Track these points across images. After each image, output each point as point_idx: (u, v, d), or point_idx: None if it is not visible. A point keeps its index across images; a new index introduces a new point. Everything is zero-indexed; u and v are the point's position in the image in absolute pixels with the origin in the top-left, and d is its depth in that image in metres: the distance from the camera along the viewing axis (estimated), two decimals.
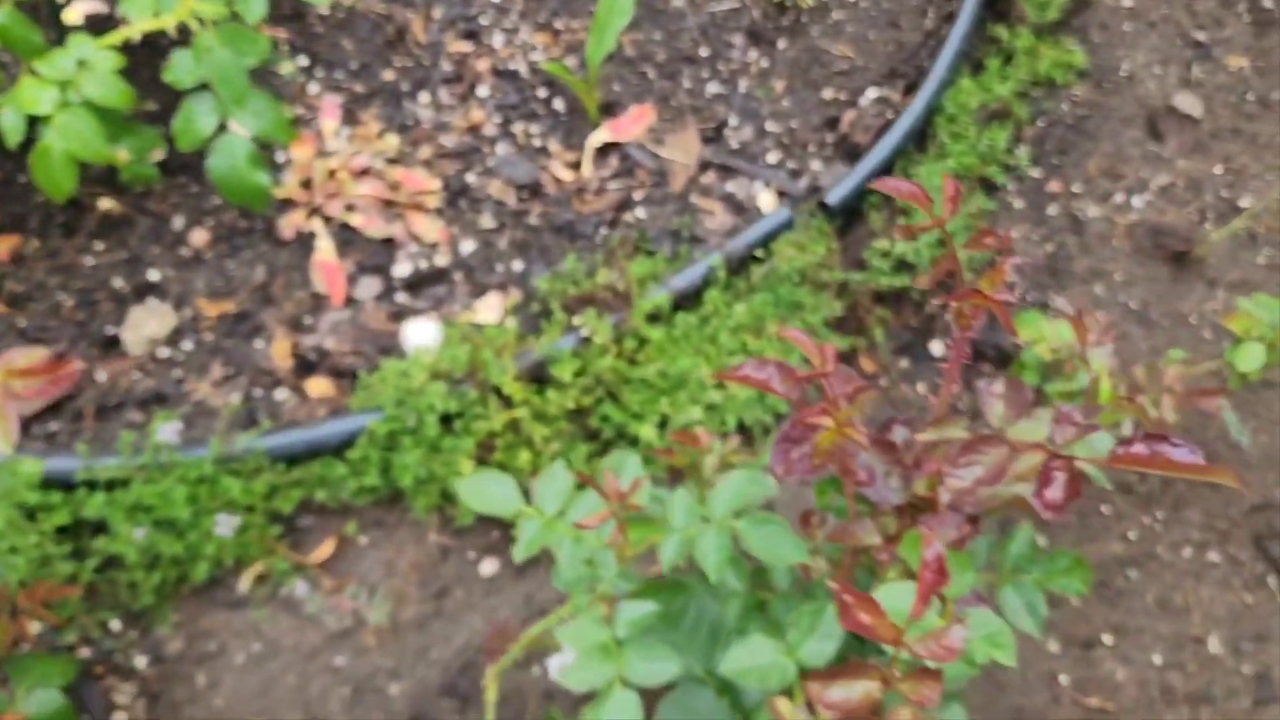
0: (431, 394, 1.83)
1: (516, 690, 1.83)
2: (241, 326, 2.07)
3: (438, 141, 2.31)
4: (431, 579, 1.87)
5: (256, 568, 1.82)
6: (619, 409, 1.94)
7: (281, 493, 1.83)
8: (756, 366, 1.29)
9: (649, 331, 1.97)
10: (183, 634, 1.80)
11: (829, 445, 1.17)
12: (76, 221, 2.16)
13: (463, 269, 2.16)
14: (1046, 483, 1.12)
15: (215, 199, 2.20)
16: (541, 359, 1.92)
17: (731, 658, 1.24)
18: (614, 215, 2.22)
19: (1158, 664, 2.03)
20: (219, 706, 1.76)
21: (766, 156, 2.33)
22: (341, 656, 1.80)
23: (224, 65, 1.81)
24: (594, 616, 1.30)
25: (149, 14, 1.88)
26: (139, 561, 1.76)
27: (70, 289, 2.09)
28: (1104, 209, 2.52)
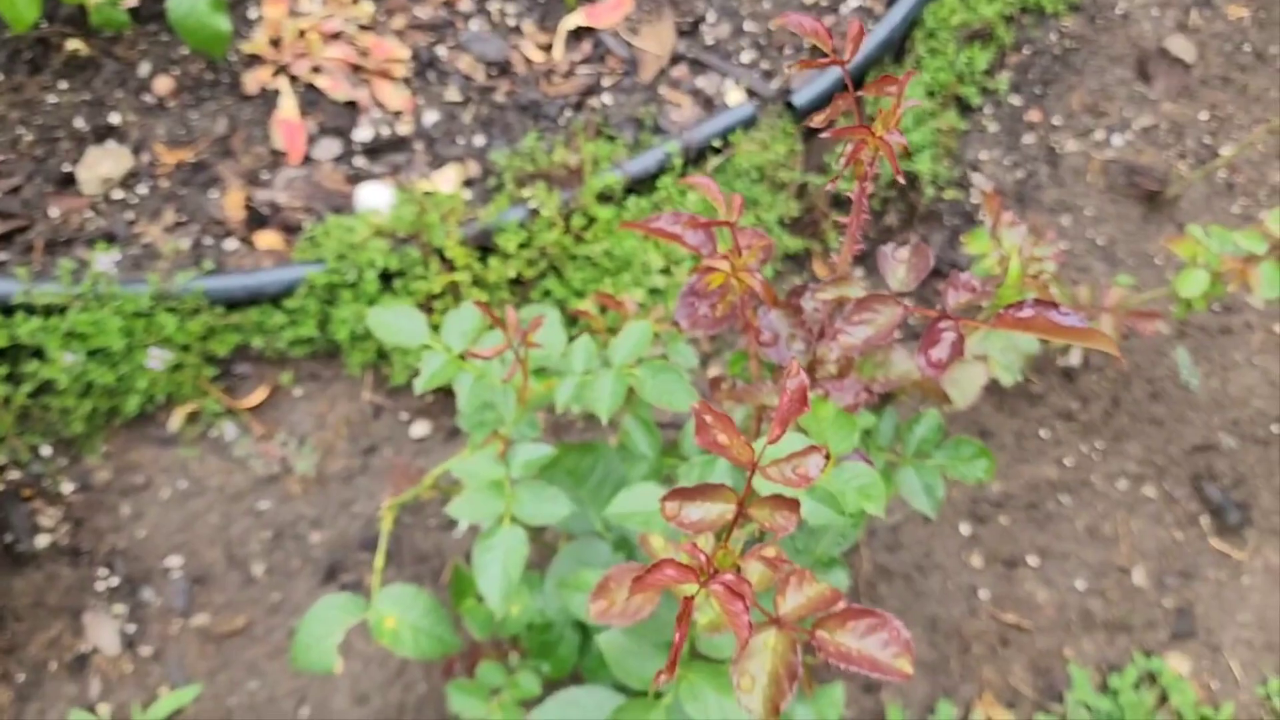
0: (373, 249, 1.84)
1: (437, 549, 1.85)
2: (198, 176, 2.07)
3: (412, 13, 2.29)
4: (361, 435, 1.89)
5: (188, 407, 1.84)
6: (561, 284, 1.94)
7: (218, 335, 1.85)
8: (670, 220, 1.29)
9: (598, 210, 1.97)
10: (111, 465, 1.82)
11: (723, 288, 1.17)
12: (43, 60, 2.16)
13: (424, 139, 2.15)
14: (933, 342, 1.12)
15: (184, 49, 2.19)
16: (488, 228, 1.92)
17: (618, 501, 1.25)
18: (580, 99, 2.21)
19: (1080, 589, 2.05)
20: (141, 537, 1.78)
21: (740, 55, 2.31)
22: (265, 501, 1.83)
23: None
24: (489, 453, 1.32)
25: None
26: (71, 388, 1.77)
27: (31, 124, 2.09)
28: (1082, 144, 2.50)
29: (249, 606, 1.76)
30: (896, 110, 1.03)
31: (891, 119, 1.04)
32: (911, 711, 1.89)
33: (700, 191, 1.22)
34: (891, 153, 1.02)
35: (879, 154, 1.08)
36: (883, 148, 1.03)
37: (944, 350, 1.13)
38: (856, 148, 1.06)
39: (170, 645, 1.72)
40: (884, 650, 0.97)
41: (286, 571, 1.79)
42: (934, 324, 1.14)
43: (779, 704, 0.98)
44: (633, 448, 1.51)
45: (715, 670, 1.14)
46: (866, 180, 1.12)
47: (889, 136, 1.03)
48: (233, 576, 1.78)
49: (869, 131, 1.04)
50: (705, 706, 1.13)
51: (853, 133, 1.04)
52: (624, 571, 1.12)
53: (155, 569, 1.77)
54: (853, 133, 1.04)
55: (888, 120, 1.04)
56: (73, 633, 1.72)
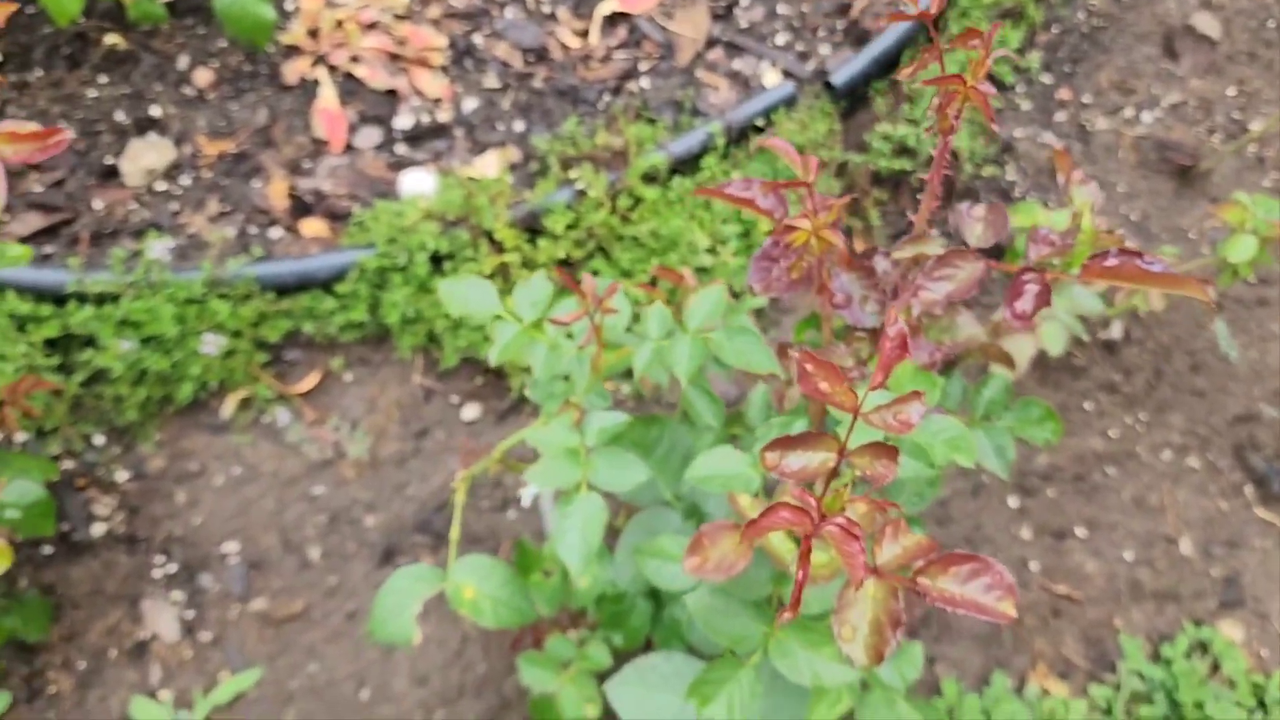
0: (424, 233, 1.84)
1: (491, 531, 1.85)
2: (241, 166, 2.07)
3: (447, 2, 2.30)
4: (413, 419, 1.89)
5: (241, 393, 1.84)
6: (609, 264, 1.94)
7: (269, 321, 1.85)
8: (741, 186, 1.30)
9: (644, 191, 1.97)
10: (165, 452, 1.82)
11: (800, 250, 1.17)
12: (82, 55, 2.16)
13: (464, 126, 2.15)
14: (1017, 294, 1.13)
15: (221, 41, 2.20)
16: (536, 209, 1.92)
17: (699, 464, 1.25)
18: (618, 84, 2.22)
19: (1128, 560, 2.05)
20: (196, 524, 1.78)
21: (775, 38, 2.32)
22: (320, 486, 1.83)
23: None
24: (565, 422, 1.32)
25: None
26: (125, 376, 1.77)
27: (72, 118, 2.09)
28: (1112, 121, 2.51)
29: (306, 590, 1.76)
30: (986, 60, 1.04)
31: (981, 69, 1.04)
32: (966, 683, 1.89)
33: (777, 153, 1.23)
34: (985, 101, 1.03)
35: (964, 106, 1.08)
36: (974, 97, 1.04)
37: (1029, 302, 1.14)
38: (946, 99, 1.07)
39: (229, 630, 1.72)
40: (987, 594, 0.97)
41: (342, 555, 1.79)
42: (1018, 276, 1.15)
43: (882, 651, 0.98)
44: (697, 418, 1.51)
45: (804, 626, 1.14)
46: (951, 134, 1.13)
47: (980, 86, 1.03)
48: (289, 561, 1.78)
49: (961, 81, 1.04)
50: (795, 663, 1.13)
51: (946, 82, 1.05)
52: (717, 528, 1.12)
53: (212, 555, 1.77)
54: (946, 82, 1.05)
55: (977, 70, 1.04)
56: (132, 620, 1.72)
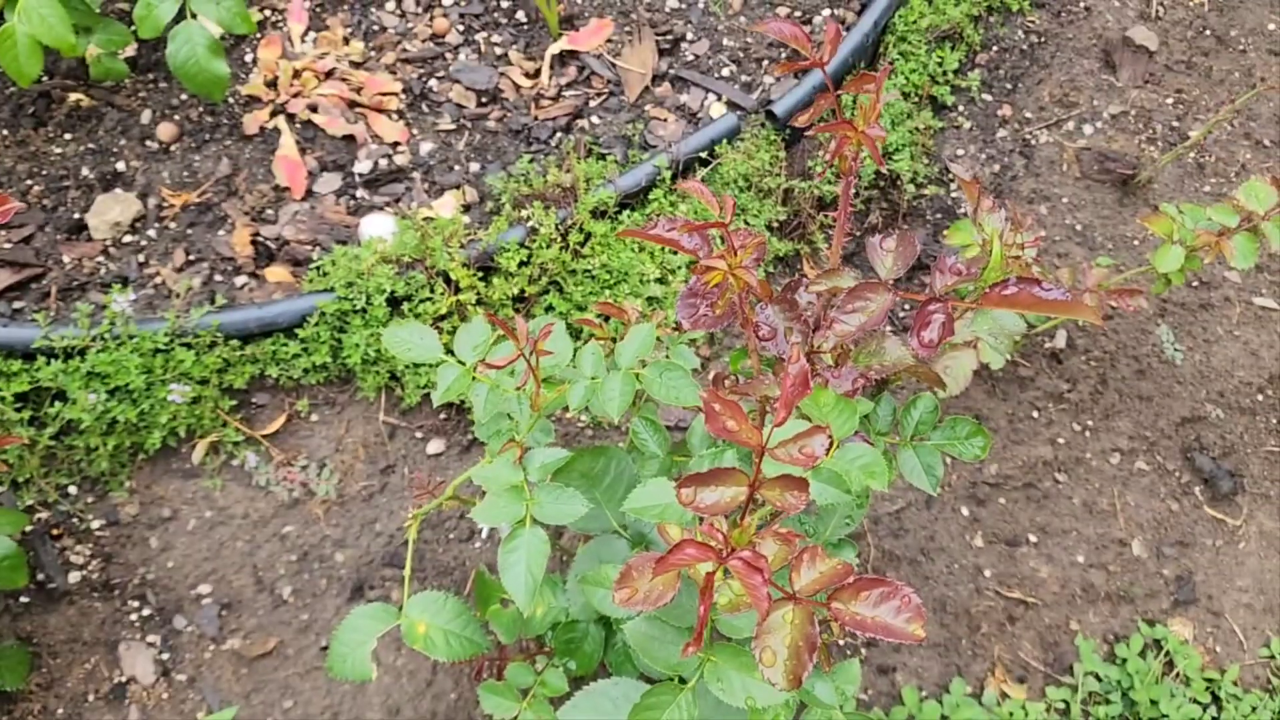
0: (380, 275, 1.90)
1: (459, 561, 1.91)
2: (205, 216, 2.13)
3: (401, 47, 2.37)
4: (379, 456, 1.95)
5: (209, 438, 1.90)
6: (562, 299, 2.01)
7: (235, 368, 1.91)
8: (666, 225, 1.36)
9: (593, 226, 2.04)
10: (137, 499, 1.87)
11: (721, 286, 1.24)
12: (46, 113, 2.22)
13: (421, 168, 2.22)
14: (924, 324, 1.19)
15: (183, 95, 2.27)
16: (489, 248, 1.98)
17: (634, 497, 1.31)
18: (569, 121, 2.29)
19: (1081, 563, 2.11)
20: (170, 567, 1.84)
21: (721, 70, 2.39)
22: (290, 525, 1.88)
23: None
24: (507, 459, 1.38)
25: None
26: (95, 427, 1.83)
27: (38, 175, 2.15)
28: (1054, 134, 2.58)
29: (279, 628, 1.82)
30: (876, 105, 1.11)
31: (872, 114, 1.11)
32: (926, 691, 1.95)
33: (693, 195, 1.29)
34: (874, 145, 1.09)
35: (861, 149, 1.15)
36: (865, 141, 1.10)
37: (934, 331, 1.20)
38: (840, 143, 1.13)
39: (205, 670, 1.78)
40: (897, 616, 1.03)
41: (314, 592, 1.84)
42: (924, 307, 1.21)
43: (800, 675, 1.04)
44: (642, 447, 1.57)
45: (736, 650, 1.20)
46: (851, 175, 1.19)
47: (870, 130, 1.10)
48: (262, 600, 1.83)
49: (851, 126, 1.10)
50: (730, 686, 1.19)
51: (836, 128, 1.11)
52: (644, 560, 1.18)
53: (186, 597, 1.82)
54: (836, 128, 1.11)
55: (868, 115, 1.11)
56: (109, 664, 1.78)
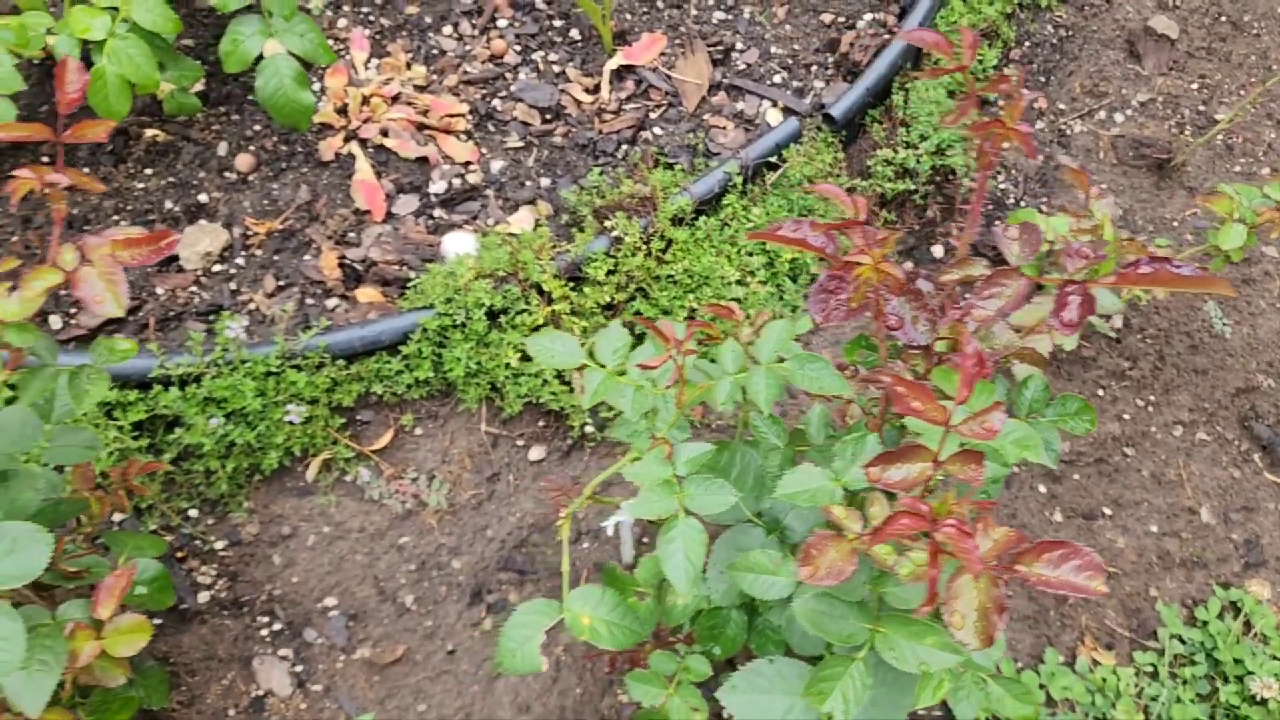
0: (478, 291, 1.97)
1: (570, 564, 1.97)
2: (289, 242, 2.19)
3: (462, 70, 2.43)
4: (483, 464, 2.02)
5: (322, 456, 1.96)
6: (649, 304, 2.08)
7: (342, 387, 1.97)
8: (792, 226, 1.44)
9: (674, 233, 2.11)
10: (256, 519, 1.93)
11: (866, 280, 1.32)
12: (125, 150, 2.28)
13: (494, 186, 2.29)
14: (1062, 306, 1.28)
15: (256, 126, 2.33)
16: (577, 259, 2.06)
17: (785, 483, 1.39)
18: (633, 133, 2.36)
19: (1155, 532, 2.20)
20: (296, 583, 1.89)
21: (772, 77, 2.47)
22: (405, 536, 1.94)
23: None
24: (657, 456, 1.45)
25: None
26: (214, 451, 1.89)
27: (124, 211, 2.21)
28: (1088, 124, 2.68)
29: (405, 635, 1.88)
30: (1019, 103, 1.19)
31: (1016, 112, 1.19)
32: (1021, 662, 2.03)
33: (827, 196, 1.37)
34: (1025, 139, 1.17)
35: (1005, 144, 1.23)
36: (1017, 136, 1.18)
37: (1073, 311, 1.28)
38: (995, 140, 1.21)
39: (338, 680, 1.83)
40: (1079, 574, 1.11)
41: (434, 599, 1.91)
42: (1062, 289, 1.29)
43: (991, 634, 1.12)
44: (763, 440, 1.65)
45: (905, 620, 1.28)
46: (989, 168, 1.27)
47: (1019, 127, 1.18)
48: (386, 609, 1.89)
49: (1002, 124, 1.18)
50: (901, 653, 1.26)
51: (989, 127, 1.19)
52: (821, 539, 1.25)
53: (313, 611, 1.88)
54: (989, 127, 1.19)
55: (1013, 113, 1.19)
56: (245, 679, 1.83)
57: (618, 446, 2.06)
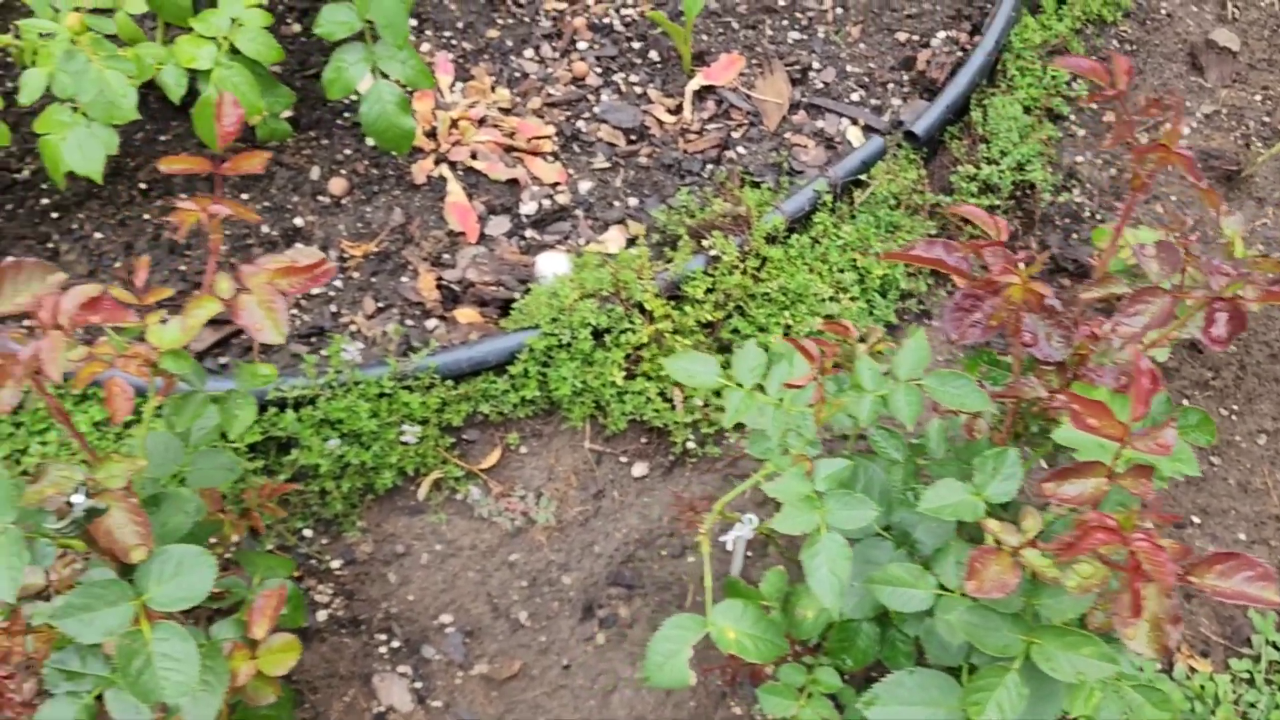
0: (583, 310, 2.00)
1: (675, 577, 2.00)
2: (385, 264, 2.23)
3: (545, 92, 2.47)
4: (589, 482, 2.05)
5: (433, 475, 1.99)
6: (746, 322, 2.11)
7: (451, 407, 2.00)
8: (925, 246, 1.48)
9: (768, 251, 2.15)
10: (370, 538, 1.96)
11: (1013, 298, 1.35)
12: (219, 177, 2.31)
13: (583, 206, 2.32)
14: (1211, 322, 1.31)
15: (346, 150, 2.36)
16: (675, 278, 2.09)
17: (928, 498, 1.42)
18: (717, 153, 2.40)
19: (1243, 540, 2.22)
20: (411, 600, 1.92)
21: (850, 95, 2.51)
22: (516, 553, 1.97)
23: (390, 11, 1.96)
24: (797, 473, 1.48)
25: None
26: (330, 471, 1.92)
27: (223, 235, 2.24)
28: (1155, 136, 2.71)
29: (520, 651, 1.90)
30: (1178, 127, 1.22)
31: (1175, 136, 1.22)
32: None
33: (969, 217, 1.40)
34: (1189, 163, 1.21)
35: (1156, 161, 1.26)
36: (1179, 160, 1.22)
37: (1222, 328, 1.31)
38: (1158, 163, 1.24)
39: (458, 696, 1.86)
40: (1252, 585, 1.14)
41: (547, 614, 1.93)
42: (1210, 305, 1.32)
43: (1165, 644, 1.15)
44: (882, 453, 1.68)
45: (1061, 631, 1.31)
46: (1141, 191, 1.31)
47: (1181, 151, 1.21)
48: (500, 625, 1.92)
49: (1165, 148, 1.22)
50: (1058, 664, 1.29)
51: (1152, 150, 1.23)
52: (984, 554, 1.28)
53: (430, 628, 1.91)
54: (1152, 150, 1.23)
55: (1173, 137, 1.22)
56: (366, 696, 1.86)
57: (718, 462, 2.09)
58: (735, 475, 2.09)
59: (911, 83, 2.54)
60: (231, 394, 1.54)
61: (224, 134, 1.45)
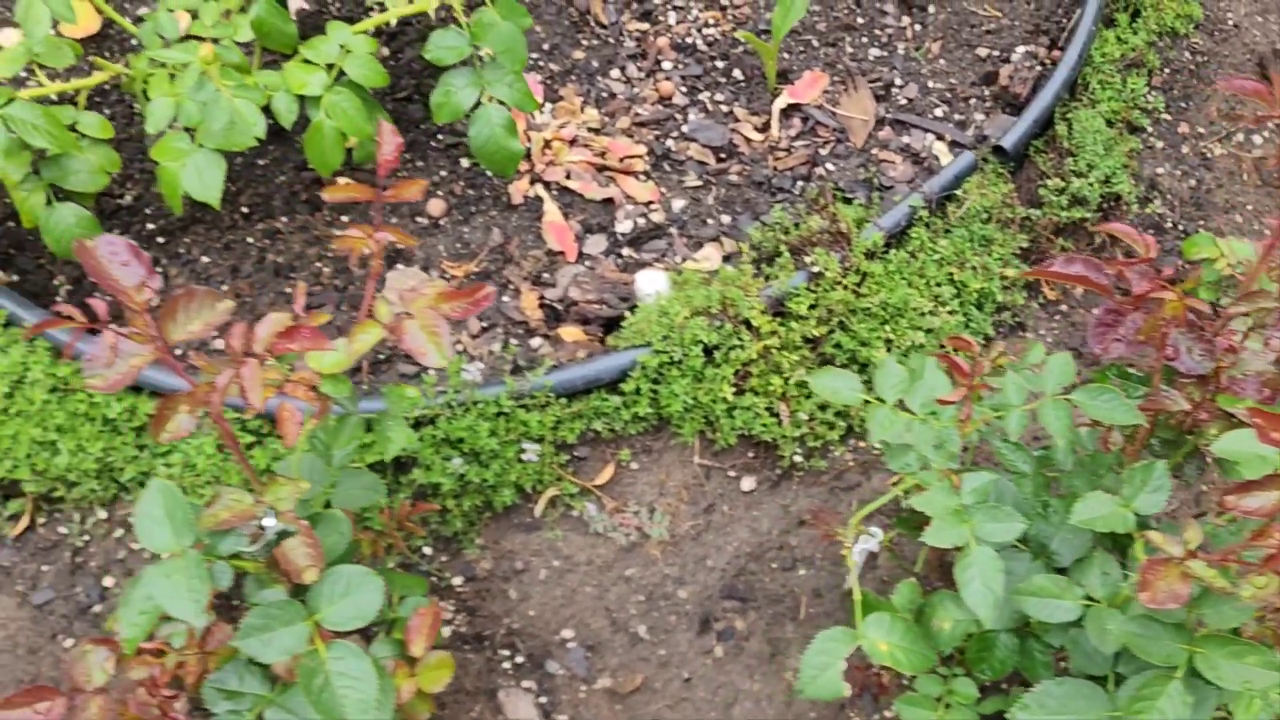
0: (694, 327, 2.03)
1: (785, 589, 2.03)
2: (487, 284, 2.25)
3: (634, 112, 2.51)
4: (699, 496, 2.07)
5: (549, 492, 2.02)
6: (848, 336, 2.14)
7: (565, 424, 2.03)
8: (1065, 263, 1.51)
9: (868, 266, 2.18)
10: (489, 555, 1.99)
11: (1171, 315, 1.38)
12: (318, 199, 2.35)
13: (677, 224, 2.36)
14: None
15: (441, 172, 2.40)
16: (778, 294, 2.12)
17: (1080, 510, 1.45)
18: (807, 169, 2.43)
19: None
20: (532, 616, 1.95)
21: (933, 111, 2.54)
22: (631, 568, 2.00)
23: (508, 36, 2.00)
24: (944, 487, 1.51)
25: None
26: (451, 490, 1.95)
27: (326, 259, 2.28)
28: (1227, 147, 2.74)
29: (641, 665, 1.93)
30: None
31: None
32: None
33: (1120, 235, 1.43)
34: None
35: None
36: None
37: None
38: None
39: (583, 710, 1.89)
40: None
41: (665, 628, 1.96)
42: None
43: None
44: (1011, 466, 1.71)
45: (1224, 640, 1.33)
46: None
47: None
48: (620, 639, 1.95)
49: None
50: (1223, 672, 1.32)
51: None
52: (1154, 564, 1.31)
53: (552, 643, 1.93)
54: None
55: None
56: (491, 711, 1.88)
57: (823, 475, 2.12)
58: (840, 488, 2.12)
59: (994, 98, 2.57)
60: (383, 416, 1.57)
61: (385, 163, 1.49)
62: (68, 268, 2.24)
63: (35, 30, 2.03)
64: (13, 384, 1.99)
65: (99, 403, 1.99)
